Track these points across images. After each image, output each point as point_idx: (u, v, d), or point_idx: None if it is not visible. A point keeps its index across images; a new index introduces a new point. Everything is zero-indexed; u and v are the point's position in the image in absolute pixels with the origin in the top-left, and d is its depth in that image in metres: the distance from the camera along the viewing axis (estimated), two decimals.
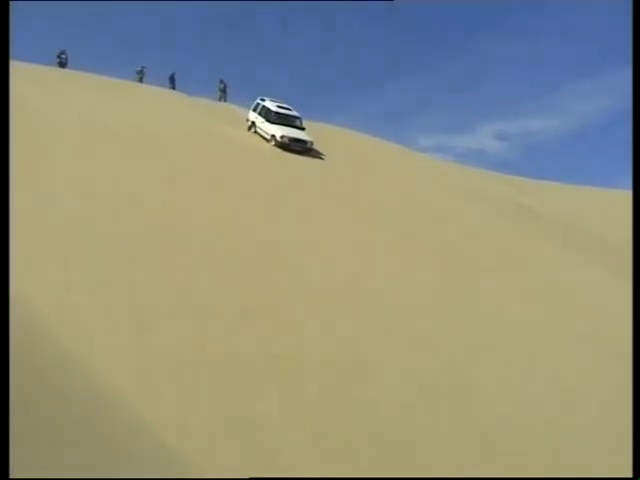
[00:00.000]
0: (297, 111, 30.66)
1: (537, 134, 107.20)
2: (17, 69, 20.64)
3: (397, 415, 9.31)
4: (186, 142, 24.54)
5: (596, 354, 13.78)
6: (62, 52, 35.30)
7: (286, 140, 28.09)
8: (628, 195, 45.29)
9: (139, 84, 36.21)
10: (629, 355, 13.61)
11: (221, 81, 38.55)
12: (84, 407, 5.64)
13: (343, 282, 14.35)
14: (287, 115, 29.84)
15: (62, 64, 34.88)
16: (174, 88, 37.06)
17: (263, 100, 30.73)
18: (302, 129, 29.75)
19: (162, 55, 72.71)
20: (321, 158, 28.87)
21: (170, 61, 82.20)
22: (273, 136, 28.38)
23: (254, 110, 30.78)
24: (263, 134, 29.22)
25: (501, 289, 16.86)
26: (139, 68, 37.59)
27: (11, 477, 2.02)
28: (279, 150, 27.79)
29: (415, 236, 20.00)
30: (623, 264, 23.26)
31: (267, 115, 29.59)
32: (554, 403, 10.88)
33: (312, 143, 28.95)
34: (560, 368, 12.52)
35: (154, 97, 32.23)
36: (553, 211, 33.40)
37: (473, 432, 9.22)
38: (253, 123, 30.33)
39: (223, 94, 38.23)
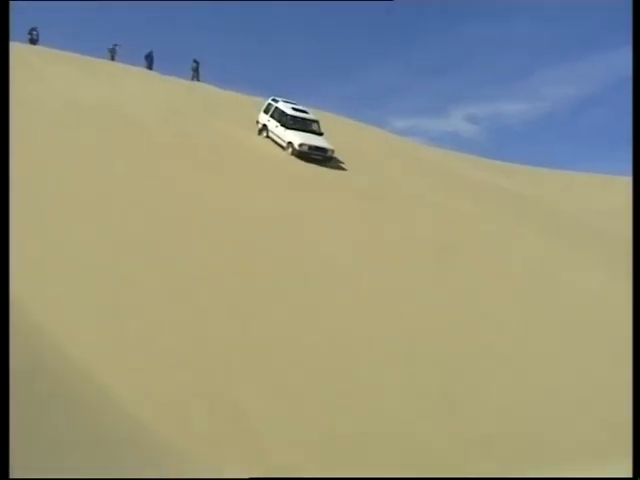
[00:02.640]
0: (313, 114, 27.90)
1: (507, 118, 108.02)
2: None
3: (382, 406, 9.46)
4: (165, 123, 24.50)
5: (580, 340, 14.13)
6: (33, 29, 34.96)
7: (305, 148, 25.18)
8: (597, 178, 46.42)
9: (112, 62, 35.96)
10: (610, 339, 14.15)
11: (194, 61, 38.30)
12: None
13: (319, 261, 14.59)
14: (304, 119, 26.91)
15: (33, 41, 34.55)
16: (151, 67, 36.74)
17: (276, 101, 27.59)
18: (320, 134, 26.65)
19: (136, 33, 71.41)
20: None
21: (145, 40, 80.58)
22: (290, 143, 25.47)
23: (265, 112, 27.57)
24: (277, 140, 26.28)
25: (478, 273, 17.20)
26: (111, 46, 37.23)
27: (11, 477, 2.11)
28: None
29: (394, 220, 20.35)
30: (603, 248, 24.12)
31: (281, 119, 26.53)
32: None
33: (333, 151, 25.98)
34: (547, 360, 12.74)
35: (128, 76, 31.96)
36: (535, 195, 34.05)
37: (468, 431, 9.26)
38: (264, 126, 27.28)
39: (196, 74, 37.92)
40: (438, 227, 20.90)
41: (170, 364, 8.88)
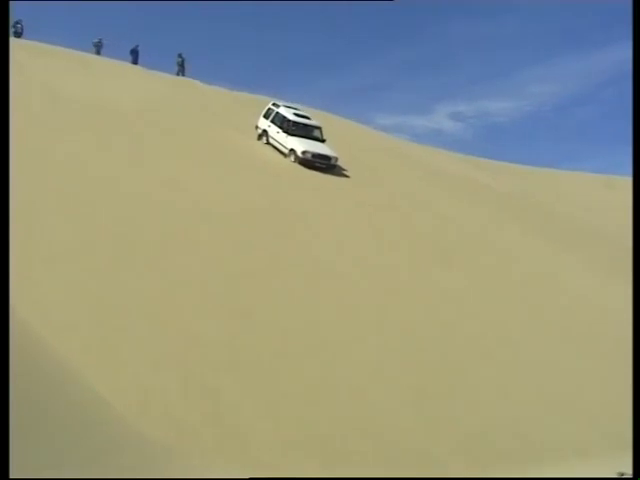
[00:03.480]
0: (316, 120, 26.93)
1: (493, 115, 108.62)
2: None
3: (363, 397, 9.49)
4: (150, 115, 24.36)
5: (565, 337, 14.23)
6: (17, 22, 34.54)
7: (309, 156, 24.18)
8: (582, 176, 46.73)
9: (98, 56, 35.67)
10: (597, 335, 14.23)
11: (179, 55, 38.15)
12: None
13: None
14: (306, 125, 25.91)
15: (18, 34, 34.16)
16: (136, 62, 36.45)
17: (277, 106, 26.63)
18: (323, 141, 25.64)
19: (120, 28, 70.89)
20: None
21: (131, 34, 79.96)
22: (292, 150, 24.50)
23: (266, 117, 26.50)
24: (279, 146, 25.29)
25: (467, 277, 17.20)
26: (96, 40, 36.95)
27: (11, 477, 2.08)
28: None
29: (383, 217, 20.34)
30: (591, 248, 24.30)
31: (283, 124, 25.49)
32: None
33: (337, 159, 24.94)
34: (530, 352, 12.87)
35: (112, 70, 31.70)
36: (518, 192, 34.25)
37: (459, 430, 9.24)
38: (265, 132, 26.23)
39: (181, 68, 37.81)
40: (428, 225, 20.95)
41: (158, 363, 8.81)
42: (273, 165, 23.47)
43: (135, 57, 36.79)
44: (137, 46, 37.11)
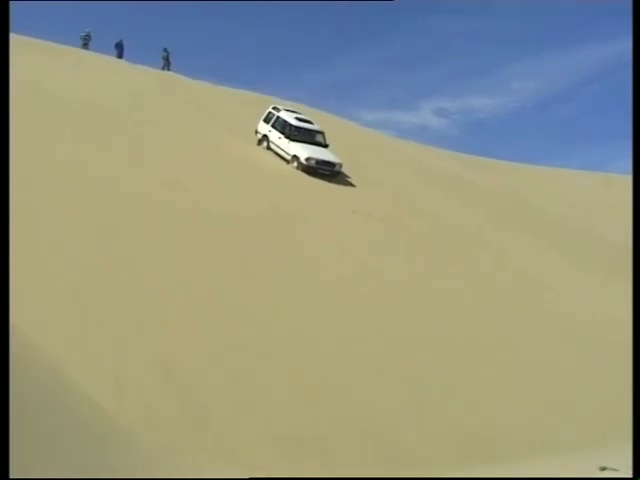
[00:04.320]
0: (318, 124, 26.02)
1: (477, 112, 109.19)
2: None
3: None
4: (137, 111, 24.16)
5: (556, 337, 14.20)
6: None
7: (312, 163, 23.22)
8: (566, 173, 47.09)
9: (84, 50, 35.16)
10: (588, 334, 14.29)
11: (165, 50, 37.88)
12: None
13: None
14: (309, 130, 24.92)
15: None
16: (121, 56, 36.02)
17: (277, 110, 25.57)
18: (326, 146, 24.77)
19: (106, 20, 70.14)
20: None
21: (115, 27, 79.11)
22: (295, 157, 23.52)
23: (266, 121, 25.43)
24: (280, 152, 24.26)
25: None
26: (84, 33, 36.32)
27: (11, 477, 2.01)
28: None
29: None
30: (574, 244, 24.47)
31: (284, 129, 24.47)
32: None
33: (341, 165, 24.10)
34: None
35: (97, 64, 31.35)
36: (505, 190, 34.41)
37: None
38: (265, 137, 25.17)
39: (167, 63, 37.54)
40: (418, 224, 20.93)
41: (143, 361, 8.71)
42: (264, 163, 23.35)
43: (120, 51, 36.28)
44: (122, 40, 36.64)
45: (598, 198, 38.75)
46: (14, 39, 29.78)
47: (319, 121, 27.67)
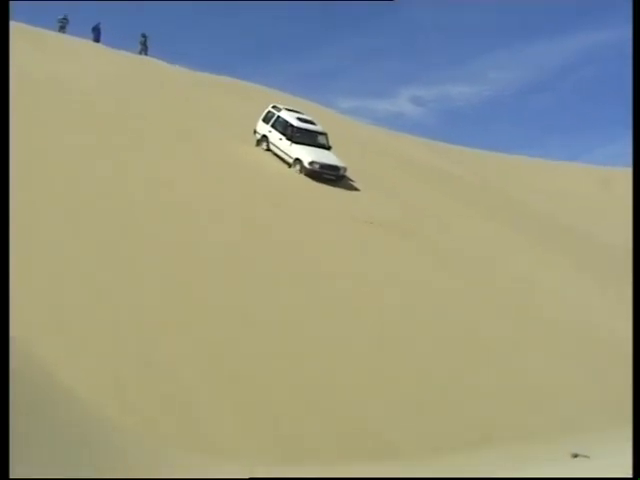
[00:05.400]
0: (320, 124, 24.69)
1: (454, 100, 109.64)
2: None
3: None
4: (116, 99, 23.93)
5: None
6: None
7: (317, 167, 21.91)
8: (542, 163, 47.51)
9: (61, 34, 34.71)
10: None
11: (142, 35, 37.62)
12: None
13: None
14: (311, 131, 23.64)
15: None
16: (98, 40, 35.65)
17: (278, 109, 24.26)
18: (329, 148, 23.52)
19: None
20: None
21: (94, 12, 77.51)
22: (298, 160, 22.22)
23: (265, 121, 24.12)
24: (282, 155, 22.99)
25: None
26: (61, 17, 35.94)
27: (11, 477, 2.10)
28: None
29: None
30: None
31: (286, 130, 23.20)
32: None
33: (345, 169, 22.83)
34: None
35: (75, 48, 31.02)
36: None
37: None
38: (264, 137, 23.85)
39: (144, 47, 37.33)
40: (393, 210, 21.00)
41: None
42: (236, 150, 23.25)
43: (97, 35, 35.91)
44: (99, 24, 36.30)
45: (586, 191, 39.23)
46: None
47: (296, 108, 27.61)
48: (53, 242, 11.35)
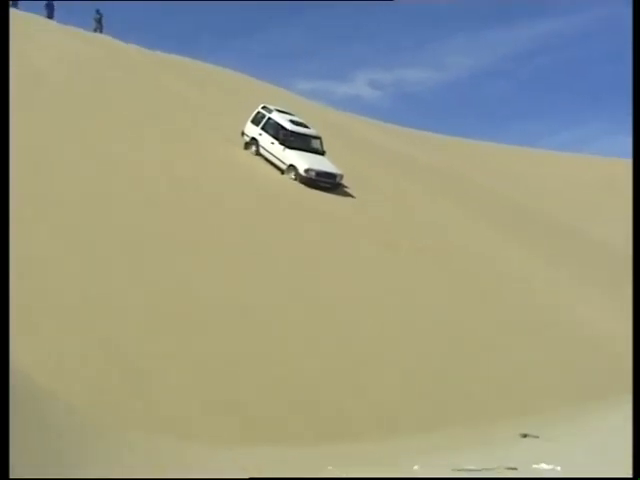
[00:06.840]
0: (313, 127, 23.16)
1: (411, 85, 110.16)
2: None
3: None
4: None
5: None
6: None
7: (312, 175, 20.47)
8: (501, 148, 48.17)
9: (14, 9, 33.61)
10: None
11: (97, 11, 36.49)
12: None
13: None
14: (306, 135, 22.12)
15: None
16: (51, 17, 34.54)
17: (269, 110, 22.47)
18: (323, 153, 22.07)
19: None
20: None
21: None
22: (293, 167, 20.76)
23: (255, 123, 22.34)
24: (274, 160, 21.43)
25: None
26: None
27: (11, 477, 2.10)
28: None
29: None
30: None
31: (278, 134, 21.55)
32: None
33: (342, 177, 21.39)
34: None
35: (28, 25, 30.06)
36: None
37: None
38: (254, 140, 22.09)
39: (99, 25, 36.23)
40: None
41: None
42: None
43: (50, 11, 34.76)
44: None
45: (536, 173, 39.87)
46: None
47: (252, 89, 27.20)
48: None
